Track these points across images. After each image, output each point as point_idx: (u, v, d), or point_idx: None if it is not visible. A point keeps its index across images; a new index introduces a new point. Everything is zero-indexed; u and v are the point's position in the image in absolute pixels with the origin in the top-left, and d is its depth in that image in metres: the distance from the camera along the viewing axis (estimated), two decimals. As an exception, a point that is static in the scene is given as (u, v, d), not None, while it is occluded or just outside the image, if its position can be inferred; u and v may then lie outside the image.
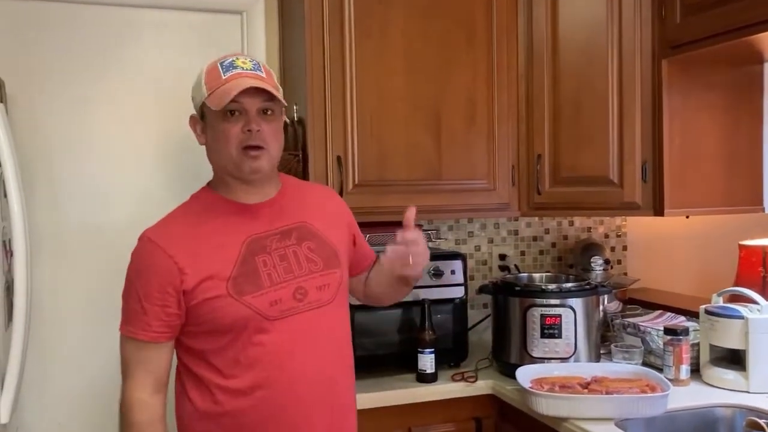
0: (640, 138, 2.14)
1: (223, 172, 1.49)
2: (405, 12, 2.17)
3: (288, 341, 1.44)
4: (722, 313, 1.99)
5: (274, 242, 1.49)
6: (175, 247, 1.43)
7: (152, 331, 1.42)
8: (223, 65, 1.46)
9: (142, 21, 2.29)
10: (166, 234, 1.46)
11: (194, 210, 1.52)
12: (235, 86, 1.40)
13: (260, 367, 1.43)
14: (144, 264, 1.45)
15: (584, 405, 1.74)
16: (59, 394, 2.23)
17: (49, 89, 2.21)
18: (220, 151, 1.46)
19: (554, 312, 2.04)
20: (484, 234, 2.70)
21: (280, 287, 1.45)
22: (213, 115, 1.44)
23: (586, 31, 2.21)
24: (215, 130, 1.45)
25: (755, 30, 1.80)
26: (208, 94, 1.43)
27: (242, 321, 1.41)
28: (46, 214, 2.21)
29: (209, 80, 1.45)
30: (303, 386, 1.45)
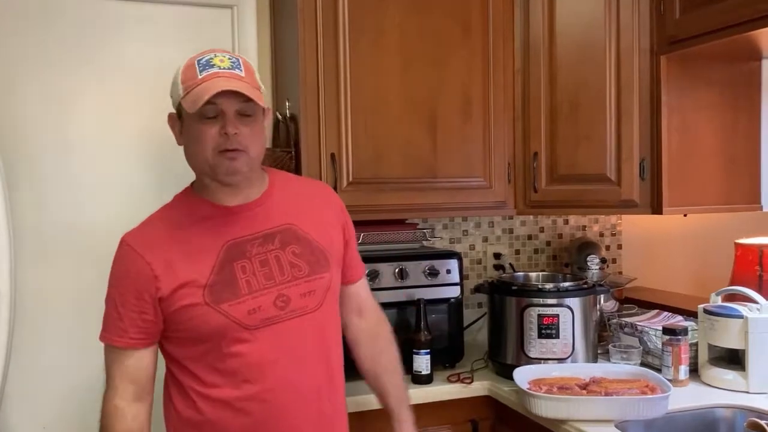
0: (638, 135, 2.12)
1: (202, 174, 1.44)
2: (400, 7, 2.14)
3: (270, 351, 1.39)
4: (721, 313, 1.97)
5: (254, 247, 1.42)
6: (151, 252, 1.39)
7: (128, 337, 1.39)
8: (200, 63, 1.39)
9: (128, 14, 2.23)
10: (143, 238, 1.42)
11: (174, 213, 1.47)
12: (210, 87, 1.32)
13: (241, 377, 1.38)
14: (121, 269, 1.42)
15: (583, 407, 1.71)
16: (44, 397, 2.18)
17: (30, 85, 2.15)
18: (196, 154, 1.39)
19: (552, 312, 2.01)
20: (478, 232, 2.67)
21: (259, 294, 1.39)
22: (189, 116, 1.37)
23: (584, 26, 2.18)
24: (191, 131, 1.39)
25: (755, 26, 1.77)
26: (184, 94, 1.36)
27: (219, 330, 1.37)
28: (29, 213, 2.15)
29: (185, 79, 1.38)
30: (287, 397, 1.41)
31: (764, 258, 2.47)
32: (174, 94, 1.42)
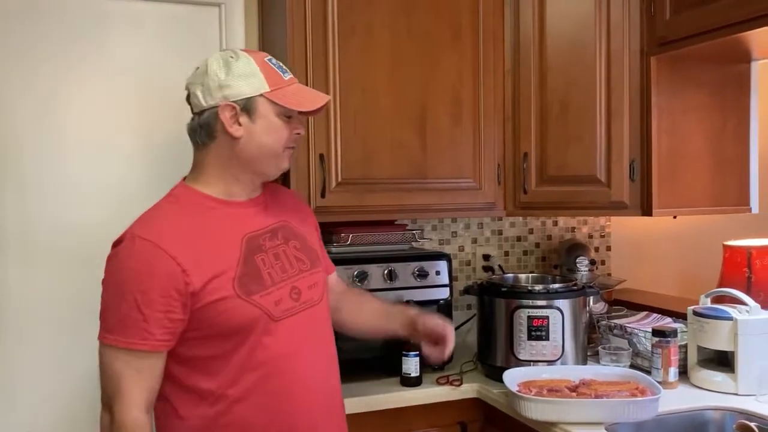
0: (628, 137, 2.12)
1: (245, 165, 1.44)
2: (390, 8, 2.12)
3: (289, 343, 1.41)
4: (711, 315, 1.97)
5: (266, 241, 1.46)
6: (174, 246, 1.33)
7: (154, 339, 1.32)
8: (272, 63, 1.46)
9: (116, 12, 2.20)
10: (160, 232, 1.35)
11: (183, 207, 1.43)
12: (312, 98, 1.47)
13: (264, 371, 1.38)
14: (140, 266, 1.33)
15: (573, 409, 1.71)
16: (28, 400, 2.15)
17: (16, 83, 2.11)
18: (267, 147, 1.43)
19: (541, 313, 2.01)
20: (467, 234, 2.66)
21: (279, 287, 1.42)
22: (270, 109, 1.42)
23: (574, 27, 2.18)
24: (270, 124, 1.42)
25: (745, 27, 1.78)
26: (272, 89, 1.41)
27: (251, 322, 1.37)
28: (15, 213, 2.12)
29: (269, 75, 1.42)
30: (303, 387, 1.43)
31: (752, 260, 2.48)
32: (243, 85, 1.40)
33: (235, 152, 1.42)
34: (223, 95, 1.40)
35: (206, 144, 1.44)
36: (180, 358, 1.38)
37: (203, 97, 1.42)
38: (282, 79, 1.44)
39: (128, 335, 1.32)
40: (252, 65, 1.42)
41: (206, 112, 1.42)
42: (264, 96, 1.40)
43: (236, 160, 1.43)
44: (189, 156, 2.31)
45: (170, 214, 1.42)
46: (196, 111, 1.44)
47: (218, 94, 1.40)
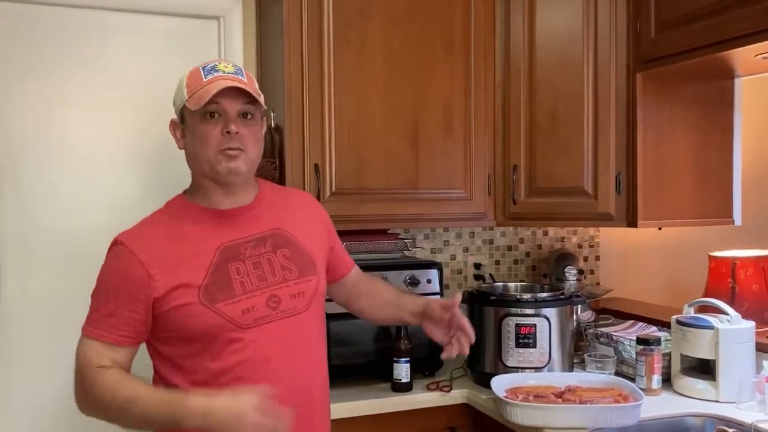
0: (615, 150, 2.17)
1: (201, 176, 1.49)
2: (384, 23, 2.18)
3: (262, 349, 1.44)
4: (693, 324, 2.02)
5: (248, 249, 1.48)
6: (147, 252, 1.42)
7: (118, 334, 1.42)
8: (204, 69, 1.47)
9: (117, 24, 2.26)
10: (139, 239, 1.45)
11: (169, 216, 1.51)
12: (215, 87, 1.41)
13: (233, 375, 1.41)
14: (115, 268, 1.44)
15: (558, 415, 1.76)
16: (26, 402, 2.18)
17: (17, 92, 2.17)
18: (198, 153, 1.45)
19: (529, 322, 2.05)
20: (459, 243, 2.71)
21: (252, 295, 1.44)
22: (192, 117, 1.45)
23: (563, 44, 2.24)
24: (194, 131, 1.45)
25: (726, 46, 1.83)
26: (189, 96, 1.44)
27: (213, 329, 1.41)
28: (13, 218, 2.17)
29: (190, 83, 1.46)
30: (279, 394, 1.41)
31: (736, 270, 2.54)
32: (177, 99, 1.49)
33: (188, 163, 1.52)
34: (175, 111, 1.52)
35: None
36: (160, 354, 1.47)
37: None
38: (200, 82, 1.43)
39: (98, 328, 1.42)
40: (182, 78, 1.49)
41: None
42: (185, 105, 1.45)
43: (192, 169, 1.52)
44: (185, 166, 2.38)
45: (153, 224, 1.50)
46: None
47: (175, 109, 1.52)
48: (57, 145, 2.22)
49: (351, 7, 2.14)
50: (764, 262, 2.53)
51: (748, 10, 1.74)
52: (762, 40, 1.74)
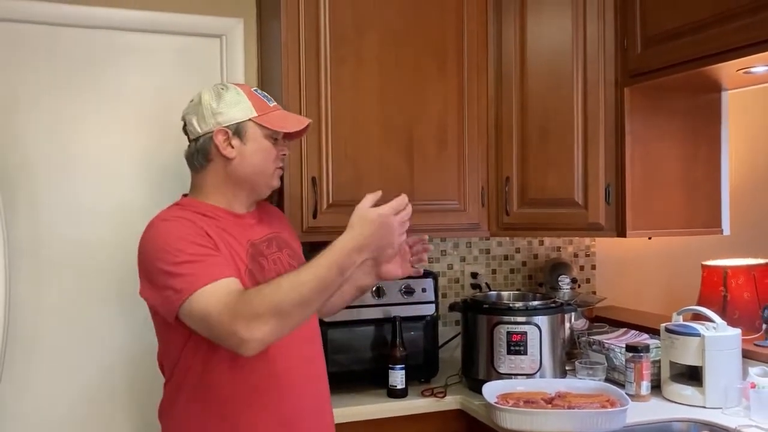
0: (604, 162, 2.23)
1: (238, 182, 1.59)
2: (379, 40, 2.25)
3: (285, 340, 1.50)
4: (681, 331, 2.07)
5: (265, 248, 1.61)
6: (203, 227, 1.49)
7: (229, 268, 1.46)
8: (258, 92, 1.63)
9: (123, 43, 2.34)
10: (188, 217, 1.51)
11: (194, 212, 1.55)
12: (294, 121, 1.64)
13: (264, 357, 1.47)
14: (183, 227, 1.47)
15: (546, 419, 1.81)
16: (37, 410, 2.24)
17: (30, 110, 2.25)
18: (256, 164, 1.59)
19: (520, 329, 2.11)
20: (456, 253, 2.77)
21: None
22: (259, 132, 1.58)
23: (553, 60, 2.30)
24: (259, 146, 1.58)
25: (708, 62, 1.89)
26: (260, 114, 1.58)
27: None
28: (26, 229, 2.24)
29: (255, 102, 1.59)
30: (299, 380, 1.56)
31: (728, 279, 2.58)
32: (233, 111, 1.57)
33: (229, 172, 1.58)
34: (216, 121, 1.56)
35: (204, 166, 1.60)
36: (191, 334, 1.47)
37: (198, 124, 1.58)
38: (267, 105, 1.61)
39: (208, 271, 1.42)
40: (240, 94, 1.59)
41: (201, 138, 1.58)
42: (252, 120, 1.57)
43: (231, 179, 1.59)
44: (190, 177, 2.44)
45: (185, 216, 1.53)
46: (193, 138, 1.61)
47: (212, 120, 1.57)
48: (69, 158, 2.29)
49: (347, 26, 2.21)
50: (755, 271, 2.57)
51: (727, 28, 1.79)
52: (741, 56, 1.79)
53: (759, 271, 2.56)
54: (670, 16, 1.99)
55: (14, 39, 2.23)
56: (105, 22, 2.31)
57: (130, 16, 2.32)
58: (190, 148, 1.62)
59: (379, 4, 2.24)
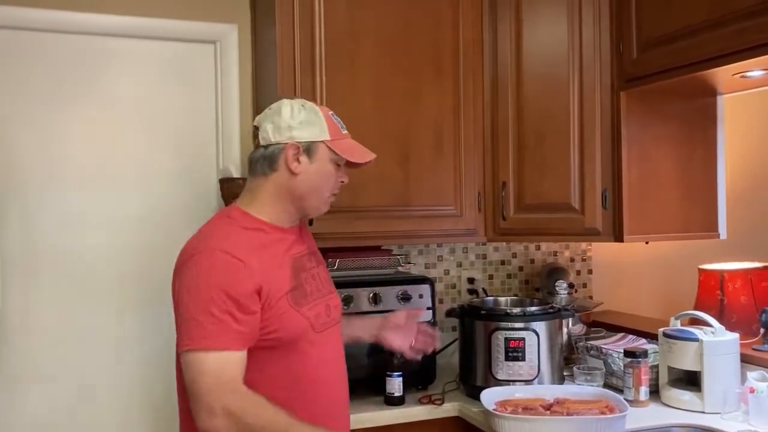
0: (600, 167, 2.22)
1: (295, 199, 1.60)
2: (374, 46, 2.24)
3: (327, 350, 1.61)
4: (679, 336, 2.06)
5: (306, 262, 1.64)
6: (249, 259, 1.48)
7: (244, 340, 1.45)
8: (334, 117, 1.64)
9: (117, 49, 2.34)
10: (237, 247, 1.49)
11: (243, 227, 1.56)
12: (364, 152, 1.66)
13: (309, 376, 1.55)
14: (227, 277, 1.45)
15: (545, 426, 1.80)
16: (27, 419, 2.23)
17: (21, 117, 2.24)
18: (317, 187, 1.61)
19: (518, 335, 2.10)
20: (453, 258, 2.76)
21: (318, 303, 1.61)
22: (327, 156, 1.60)
23: (549, 64, 2.30)
24: (323, 168, 1.60)
25: (705, 66, 1.89)
26: (332, 138, 1.60)
27: (299, 331, 1.54)
28: (17, 238, 2.23)
29: (331, 126, 1.61)
30: (337, 394, 1.64)
31: (725, 283, 2.57)
32: (309, 131, 1.58)
33: (290, 186, 1.59)
34: (290, 135, 1.58)
35: (266, 174, 1.60)
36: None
37: (272, 133, 1.59)
38: (340, 131, 1.63)
39: (223, 337, 1.42)
40: (319, 115, 1.61)
41: (272, 147, 1.59)
42: (324, 143, 1.59)
43: (289, 193, 1.60)
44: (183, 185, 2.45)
45: (237, 232, 1.54)
46: (263, 144, 1.60)
47: (287, 133, 1.58)
48: (59, 166, 2.29)
49: (342, 33, 2.20)
50: (752, 275, 2.57)
51: (723, 32, 1.79)
52: (737, 60, 1.80)
53: (756, 274, 2.56)
54: (665, 20, 1.99)
55: (3, 45, 2.22)
56: (99, 28, 2.30)
57: (123, 22, 2.32)
58: (257, 153, 1.62)
59: (374, 11, 2.24)
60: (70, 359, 2.28)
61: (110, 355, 2.32)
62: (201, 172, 2.43)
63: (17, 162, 2.24)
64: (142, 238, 2.36)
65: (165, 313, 2.35)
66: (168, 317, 2.32)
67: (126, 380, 2.34)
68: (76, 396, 2.28)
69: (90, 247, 2.30)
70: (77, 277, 2.29)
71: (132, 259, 2.34)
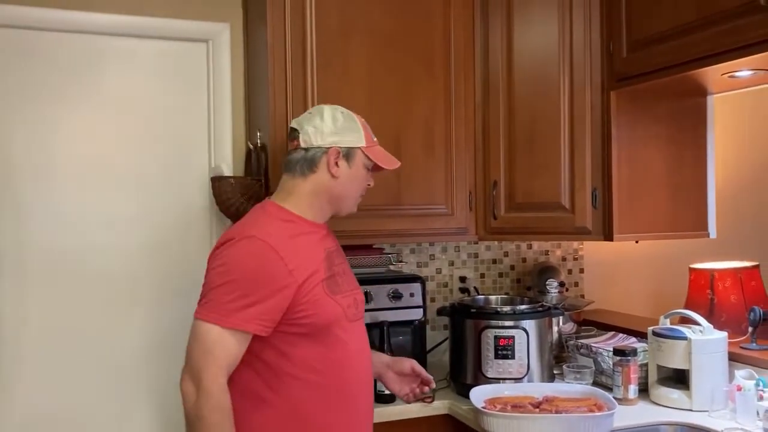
0: (590, 166, 2.23)
1: (331, 200, 1.71)
2: (366, 45, 2.25)
3: (357, 341, 1.69)
4: (668, 335, 2.07)
5: (335, 257, 1.72)
6: (284, 249, 1.56)
7: (258, 323, 1.52)
8: (367, 126, 1.76)
9: (111, 48, 2.34)
10: (273, 236, 1.57)
11: (281, 220, 1.65)
12: (393, 161, 1.80)
13: (341, 363, 1.63)
14: (258, 263, 1.54)
15: (534, 424, 1.81)
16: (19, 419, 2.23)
17: (14, 115, 2.24)
18: (350, 189, 1.72)
19: (507, 333, 2.11)
20: (444, 257, 2.77)
21: (347, 295, 1.68)
22: (362, 161, 1.72)
23: (540, 64, 2.30)
24: (358, 173, 1.72)
25: (693, 66, 1.90)
26: (367, 145, 1.72)
27: (333, 318, 1.61)
28: (10, 237, 2.23)
29: (366, 134, 1.73)
30: (365, 383, 1.71)
31: (715, 282, 2.59)
32: (349, 137, 1.70)
33: (328, 187, 1.69)
34: (333, 140, 1.68)
35: (305, 174, 1.69)
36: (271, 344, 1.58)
37: (314, 136, 1.68)
38: (372, 139, 1.76)
39: (238, 317, 1.51)
40: (357, 123, 1.74)
41: (314, 150, 1.68)
42: (361, 149, 1.71)
43: (327, 193, 1.70)
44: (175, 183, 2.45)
45: (275, 222, 1.64)
46: (304, 146, 1.69)
47: (329, 138, 1.68)
48: (53, 164, 2.29)
49: (333, 31, 2.21)
50: (742, 274, 2.59)
51: (711, 32, 1.80)
52: (726, 60, 1.81)
53: (745, 273, 2.58)
54: (655, 20, 2.00)
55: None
56: (91, 27, 2.30)
57: (116, 21, 2.32)
58: (298, 154, 1.69)
59: (365, 9, 2.25)
60: (64, 357, 2.28)
61: (104, 353, 2.32)
62: (193, 170, 2.43)
63: (9, 160, 2.24)
64: (134, 236, 2.36)
65: (160, 310, 2.39)
66: (163, 314, 2.36)
67: (120, 378, 2.34)
68: (69, 395, 2.28)
69: (82, 246, 2.30)
70: (71, 276, 2.29)
71: (123, 257, 2.35)
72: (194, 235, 2.42)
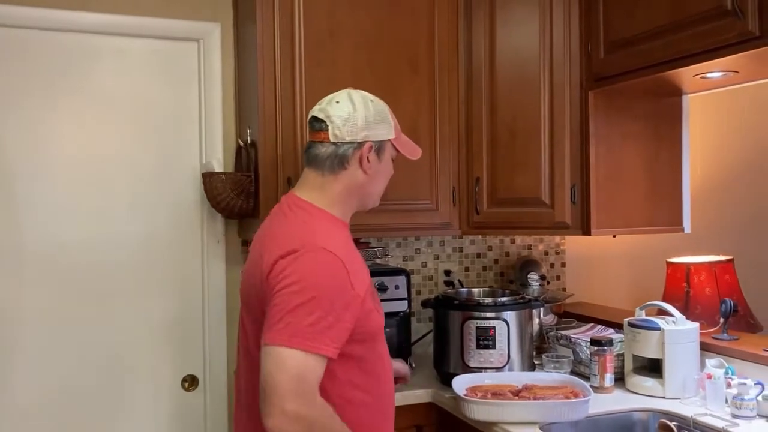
0: (569, 163, 2.30)
1: (361, 196, 1.62)
2: (353, 44, 2.31)
3: (386, 351, 1.62)
4: (642, 325, 2.15)
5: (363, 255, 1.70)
6: (350, 264, 1.46)
7: (334, 347, 1.39)
8: (391, 113, 1.64)
9: (102, 47, 2.38)
10: (342, 250, 1.46)
11: (331, 223, 1.55)
12: (417, 149, 1.71)
13: (378, 376, 1.56)
14: (332, 280, 1.41)
15: (512, 410, 1.88)
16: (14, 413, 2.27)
17: (8, 109, 2.28)
18: (380, 183, 1.64)
19: (488, 324, 2.18)
20: (430, 251, 2.84)
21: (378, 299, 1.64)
22: (389, 153, 1.63)
23: (521, 63, 2.37)
24: (387, 166, 1.64)
25: (666, 67, 1.97)
26: (396, 136, 1.62)
27: (376, 329, 1.56)
28: (4, 231, 2.27)
29: (395, 124, 1.63)
30: (391, 396, 1.65)
31: (691, 275, 2.68)
32: (380, 129, 1.58)
33: (360, 184, 1.59)
34: (365, 135, 1.56)
35: (335, 172, 1.56)
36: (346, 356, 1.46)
37: (347, 130, 1.54)
38: (398, 127, 1.65)
39: (317, 340, 1.36)
40: (386, 112, 1.61)
41: (346, 145, 1.55)
42: (390, 141, 1.61)
43: (359, 190, 1.60)
44: (167, 180, 2.50)
45: (331, 229, 1.52)
46: (334, 141, 1.55)
47: (362, 132, 1.55)
48: (47, 161, 2.33)
49: (321, 31, 2.27)
50: (716, 268, 2.68)
51: (683, 35, 1.88)
52: (697, 62, 1.88)
53: (720, 267, 2.67)
54: (630, 22, 2.07)
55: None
56: (83, 25, 2.34)
57: (108, 20, 2.36)
58: (328, 149, 1.55)
59: (352, 10, 2.31)
60: (59, 349, 2.32)
61: (98, 345, 2.37)
62: (184, 167, 2.48)
63: (3, 156, 2.27)
64: (127, 232, 2.40)
65: (152, 304, 2.44)
66: (156, 307, 2.42)
67: (115, 369, 2.39)
68: (63, 389, 2.32)
69: (76, 240, 2.34)
70: (64, 269, 2.32)
71: (116, 251, 2.39)
72: (185, 230, 2.48)
